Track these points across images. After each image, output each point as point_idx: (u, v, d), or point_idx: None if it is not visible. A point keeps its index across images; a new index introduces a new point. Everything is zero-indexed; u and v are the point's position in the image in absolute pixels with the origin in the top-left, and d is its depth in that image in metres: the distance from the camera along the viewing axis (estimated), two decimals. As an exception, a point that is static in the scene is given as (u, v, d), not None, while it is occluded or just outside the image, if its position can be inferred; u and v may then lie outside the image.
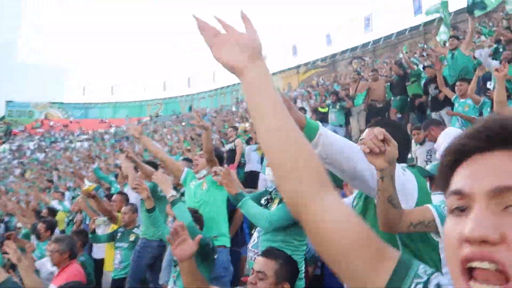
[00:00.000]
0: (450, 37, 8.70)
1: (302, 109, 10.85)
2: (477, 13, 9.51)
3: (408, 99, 8.33)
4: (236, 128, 9.54)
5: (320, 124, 1.56)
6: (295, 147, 0.75)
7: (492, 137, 0.53)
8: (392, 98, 8.79)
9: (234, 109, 26.20)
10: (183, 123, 27.04)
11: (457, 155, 0.56)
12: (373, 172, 1.46)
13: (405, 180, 1.70)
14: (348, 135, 9.35)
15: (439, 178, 0.60)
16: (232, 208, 3.80)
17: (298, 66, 31.46)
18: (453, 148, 0.57)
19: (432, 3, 10.71)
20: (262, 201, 2.85)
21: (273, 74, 33.70)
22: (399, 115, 8.77)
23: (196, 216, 3.20)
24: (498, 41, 8.86)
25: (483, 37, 11.50)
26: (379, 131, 1.29)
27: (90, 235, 4.61)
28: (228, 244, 3.62)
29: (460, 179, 0.55)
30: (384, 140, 1.30)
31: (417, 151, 5.22)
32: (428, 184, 2.18)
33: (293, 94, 20.55)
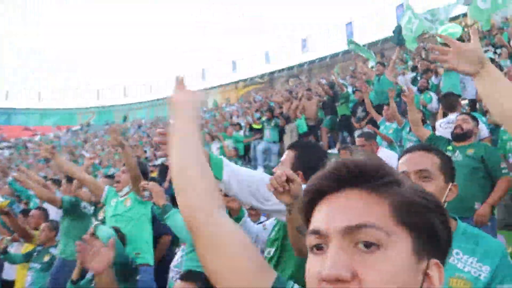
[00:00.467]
0: (377, 63, 9.39)
1: (238, 124, 10.95)
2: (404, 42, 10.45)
3: (338, 119, 8.77)
4: (170, 142, 9.35)
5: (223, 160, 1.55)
6: (201, 167, 0.90)
7: (343, 178, 0.59)
8: (324, 117, 9.21)
9: (171, 121, 25.71)
10: (117, 134, 25.97)
11: (314, 195, 0.62)
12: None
13: None
14: (282, 151, 9.60)
15: (301, 217, 0.65)
16: (157, 235, 3.74)
17: (237, 82, 31.82)
18: (309, 189, 0.63)
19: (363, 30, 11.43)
20: None
21: (213, 88, 33.73)
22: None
23: (119, 235, 3.08)
24: (414, 69, 9.68)
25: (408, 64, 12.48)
26: (281, 173, 1.34)
27: (1, 256, 4.25)
28: (152, 262, 3.52)
29: (316, 219, 0.61)
30: (287, 180, 1.33)
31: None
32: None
33: (230, 109, 20.68)
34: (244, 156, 11.18)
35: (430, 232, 0.58)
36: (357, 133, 7.76)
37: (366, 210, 0.56)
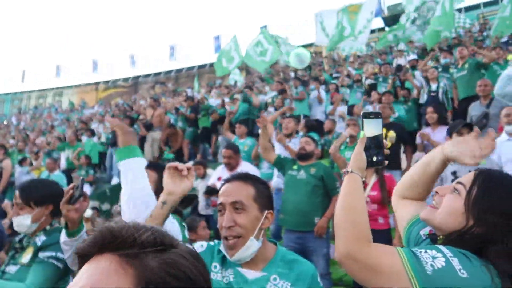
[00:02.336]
0: (246, 87, 9.92)
1: (90, 130, 10.13)
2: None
3: (199, 131, 8.81)
4: (4, 147, 8.10)
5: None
6: None
7: (100, 243, 0.60)
8: (185, 128, 9.15)
9: (14, 122, 22.51)
10: None
11: (80, 257, 0.63)
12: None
13: (173, 228, 1.71)
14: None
15: None
16: None
17: (98, 83, 29.65)
18: (76, 251, 0.64)
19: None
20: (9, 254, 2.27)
21: (69, 87, 30.72)
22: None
23: None
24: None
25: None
26: (189, 165, 1.45)
27: None
28: None
29: None
30: (189, 171, 1.43)
31: (199, 185, 5.48)
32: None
33: (87, 112, 19.11)
34: (99, 165, 10.37)
35: None
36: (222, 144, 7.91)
37: (106, 277, 0.56)
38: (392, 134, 5.16)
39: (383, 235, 3.66)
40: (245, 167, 4.57)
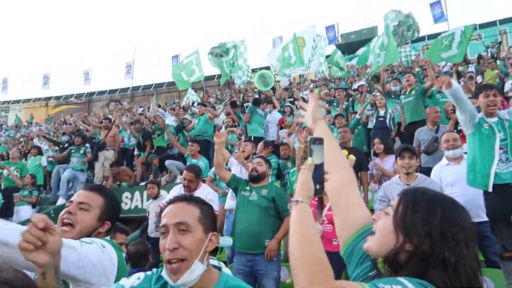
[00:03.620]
0: (199, 104, 9.88)
1: (36, 148, 9.64)
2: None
3: (153, 151, 8.64)
4: None
5: None
6: None
7: None
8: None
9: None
10: None
11: None
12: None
13: (105, 259, 1.56)
14: (91, 181, 8.85)
15: None
16: None
17: (49, 99, 28.44)
18: None
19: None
20: None
21: (16, 102, 29.22)
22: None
23: None
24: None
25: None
26: (39, 219, 1.08)
27: None
28: None
29: None
30: (46, 229, 1.09)
31: (150, 206, 5.33)
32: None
33: (35, 128, 18.18)
34: (44, 186, 9.84)
35: None
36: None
37: None
38: (352, 157, 5.28)
39: (337, 258, 3.64)
40: (204, 190, 4.39)
